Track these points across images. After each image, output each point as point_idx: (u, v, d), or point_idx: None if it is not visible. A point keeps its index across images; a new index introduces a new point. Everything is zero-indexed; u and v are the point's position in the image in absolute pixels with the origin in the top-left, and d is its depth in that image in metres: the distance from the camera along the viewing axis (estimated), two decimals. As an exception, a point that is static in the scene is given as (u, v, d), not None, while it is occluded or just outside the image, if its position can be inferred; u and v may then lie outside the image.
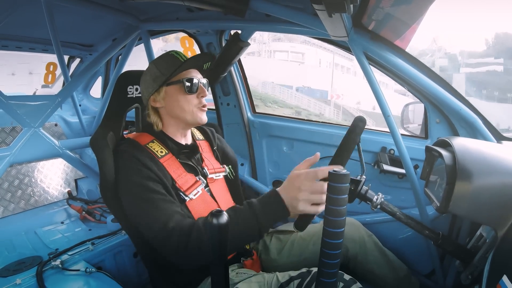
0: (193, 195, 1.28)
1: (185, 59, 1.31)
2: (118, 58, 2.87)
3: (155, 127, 1.35)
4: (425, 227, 1.32)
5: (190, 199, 1.27)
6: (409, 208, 1.77)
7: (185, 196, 1.26)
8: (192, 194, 1.28)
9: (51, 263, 1.58)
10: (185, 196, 1.26)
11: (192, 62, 1.34)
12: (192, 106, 1.32)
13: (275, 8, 1.47)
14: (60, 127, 2.76)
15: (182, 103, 1.31)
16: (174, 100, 1.31)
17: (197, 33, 2.08)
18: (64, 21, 2.09)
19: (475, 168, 1.07)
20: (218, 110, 2.29)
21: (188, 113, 1.32)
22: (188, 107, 1.32)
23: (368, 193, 1.29)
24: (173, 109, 1.33)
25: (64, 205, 2.46)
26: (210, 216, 0.69)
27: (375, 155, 1.87)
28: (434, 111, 1.65)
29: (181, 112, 1.32)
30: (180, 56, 1.32)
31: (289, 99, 30.23)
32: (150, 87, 1.32)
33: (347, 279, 1.17)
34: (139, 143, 1.29)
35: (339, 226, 0.73)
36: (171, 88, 1.31)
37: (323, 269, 0.76)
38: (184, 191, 1.27)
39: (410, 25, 1.49)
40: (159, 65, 1.32)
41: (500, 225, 1.01)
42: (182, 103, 1.31)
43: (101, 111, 2.65)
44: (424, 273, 1.78)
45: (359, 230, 1.53)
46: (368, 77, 1.44)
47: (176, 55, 1.32)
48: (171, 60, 1.31)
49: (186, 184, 1.29)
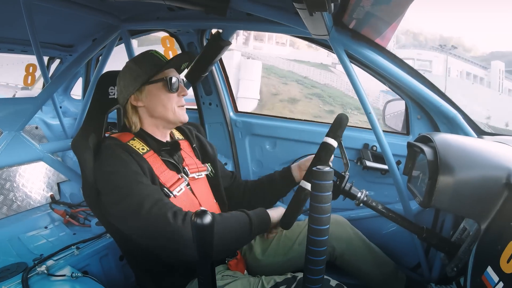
0: (176, 192, 1.28)
1: (165, 59, 1.31)
2: (98, 58, 2.82)
3: (133, 127, 1.33)
4: (409, 222, 1.35)
5: (174, 196, 1.27)
6: (393, 203, 1.80)
7: (169, 192, 1.26)
8: (175, 190, 1.28)
9: (36, 269, 1.55)
10: (170, 193, 1.26)
11: (175, 61, 1.34)
12: (174, 104, 1.32)
13: (256, 7, 1.47)
14: (41, 130, 2.70)
15: (164, 101, 1.31)
16: (156, 99, 1.30)
17: (178, 32, 2.06)
18: (44, 21, 2.04)
19: (457, 162, 1.09)
20: (200, 109, 2.28)
21: (170, 111, 1.32)
22: (170, 105, 1.31)
23: (352, 190, 1.31)
24: (155, 108, 1.32)
25: (47, 209, 2.41)
26: (195, 216, 0.69)
27: (357, 151, 1.89)
28: (415, 108, 1.67)
29: (163, 111, 1.32)
30: (160, 55, 1.32)
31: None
32: (131, 86, 1.29)
33: (333, 285, 1.17)
34: (121, 141, 1.28)
35: (324, 223, 0.73)
36: (153, 86, 1.30)
37: (310, 266, 0.76)
38: (168, 187, 1.26)
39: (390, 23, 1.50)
40: (141, 63, 1.30)
41: (482, 218, 1.04)
42: (165, 102, 1.31)
43: (82, 112, 2.59)
44: (410, 266, 1.82)
45: (345, 228, 1.54)
46: (349, 75, 1.45)
47: (156, 54, 1.32)
48: (153, 59, 1.30)
49: (170, 181, 1.28)
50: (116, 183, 1.17)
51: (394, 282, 1.53)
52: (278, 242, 1.54)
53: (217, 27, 1.88)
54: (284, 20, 1.46)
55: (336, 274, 1.32)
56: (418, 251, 1.68)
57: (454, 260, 1.21)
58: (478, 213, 1.05)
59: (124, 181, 1.16)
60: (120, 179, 1.16)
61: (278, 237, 1.55)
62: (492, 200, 1.02)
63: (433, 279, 1.67)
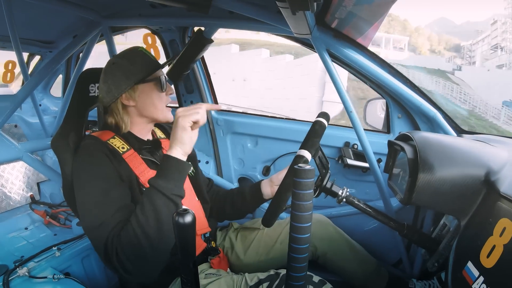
0: None
1: (155, 58, 1.31)
2: (79, 55, 2.77)
3: (123, 127, 1.29)
4: (390, 219, 1.37)
5: None
6: (374, 201, 1.82)
7: None
8: None
9: (17, 272, 1.53)
10: None
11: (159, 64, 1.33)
12: (163, 103, 1.31)
13: (239, 5, 1.47)
14: (20, 128, 2.65)
15: (155, 101, 1.29)
16: (148, 98, 1.28)
17: (160, 29, 2.04)
18: (23, 16, 2.00)
19: (436, 160, 1.11)
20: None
21: (160, 111, 1.31)
22: (160, 105, 1.30)
23: (333, 187, 1.32)
24: (146, 107, 1.29)
25: (27, 210, 2.38)
26: (176, 215, 0.69)
27: (338, 150, 1.90)
28: (395, 107, 1.70)
29: (153, 110, 1.30)
30: (149, 54, 1.30)
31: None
32: (123, 84, 1.23)
33: (316, 281, 1.18)
34: (101, 139, 1.25)
35: (306, 221, 0.74)
36: (147, 86, 1.28)
37: (292, 264, 0.77)
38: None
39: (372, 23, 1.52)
40: (133, 61, 1.26)
41: (462, 214, 1.06)
42: (156, 101, 1.29)
43: (62, 110, 2.54)
44: (391, 262, 1.85)
45: (327, 227, 1.56)
46: (331, 74, 1.46)
47: (146, 52, 1.30)
48: (145, 59, 1.27)
49: None
50: (81, 199, 1.14)
51: (377, 279, 1.56)
52: (260, 241, 1.55)
53: (200, 24, 1.86)
54: (267, 18, 1.46)
55: (319, 272, 1.33)
56: (399, 247, 1.71)
57: (434, 255, 1.24)
58: (458, 210, 1.07)
59: (88, 197, 1.12)
60: (85, 195, 1.13)
61: (259, 236, 1.56)
62: (472, 197, 1.04)
63: (415, 275, 1.70)
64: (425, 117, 1.59)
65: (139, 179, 1.23)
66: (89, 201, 1.11)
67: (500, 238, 0.82)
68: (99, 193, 1.11)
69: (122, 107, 1.29)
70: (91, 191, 1.12)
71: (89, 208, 1.11)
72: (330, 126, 1.84)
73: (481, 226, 0.94)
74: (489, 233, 0.86)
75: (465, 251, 0.96)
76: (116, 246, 1.03)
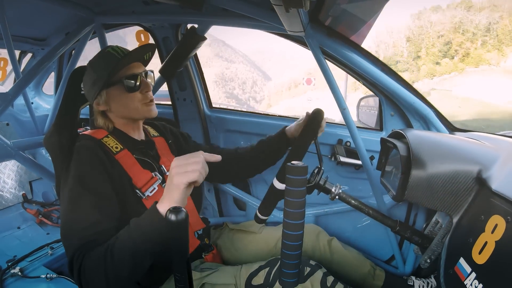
0: (149, 192, 1.24)
1: (122, 54, 1.22)
2: (71, 53, 2.74)
3: (105, 128, 1.29)
4: (382, 215, 1.37)
5: (146, 197, 1.23)
6: (367, 198, 1.82)
7: (141, 194, 1.22)
8: (148, 191, 1.24)
9: (11, 271, 1.52)
10: (141, 194, 1.22)
11: (131, 57, 1.25)
12: (136, 102, 1.26)
13: (232, 2, 1.46)
14: (12, 126, 2.61)
15: (125, 102, 1.25)
16: (117, 102, 1.25)
17: (153, 27, 2.02)
18: (15, 14, 1.98)
19: (429, 157, 1.12)
20: (175, 105, 2.24)
21: (132, 110, 1.27)
22: (132, 104, 1.26)
23: (326, 184, 1.33)
24: (118, 110, 1.28)
25: (20, 209, 2.35)
26: (169, 213, 0.68)
27: (331, 147, 1.90)
28: (388, 104, 1.70)
29: (126, 111, 1.28)
30: (116, 52, 1.23)
31: None
32: (92, 91, 1.23)
33: (313, 264, 1.21)
34: (96, 138, 1.24)
35: (298, 218, 0.74)
36: (112, 89, 1.24)
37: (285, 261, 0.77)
38: (140, 188, 1.23)
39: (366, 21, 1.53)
40: (96, 66, 1.23)
41: (454, 211, 1.07)
42: (126, 103, 1.25)
43: (54, 108, 2.53)
44: (384, 259, 1.86)
45: (319, 237, 1.58)
46: (324, 71, 1.46)
47: (112, 52, 1.22)
48: (108, 59, 1.22)
49: (142, 181, 1.24)
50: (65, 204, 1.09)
51: (373, 280, 1.57)
52: (256, 246, 1.57)
53: (193, 22, 1.85)
54: (260, 16, 1.46)
55: None
56: (392, 244, 1.73)
57: (427, 252, 1.25)
58: (450, 206, 1.08)
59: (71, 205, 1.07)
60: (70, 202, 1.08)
61: (256, 240, 1.58)
62: (464, 193, 1.05)
63: (407, 271, 1.72)
64: (418, 115, 1.60)
65: (132, 180, 1.22)
66: (72, 209, 1.06)
67: (492, 235, 0.82)
68: (85, 205, 1.06)
69: (98, 112, 1.29)
70: (77, 200, 1.07)
71: (70, 216, 1.05)
72: None
73: (473, 223, 0.95)
74: (481, 230, 0.87)
75: (457, 248, 0.97)
76: (81, 263, 0.96)
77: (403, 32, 39.84)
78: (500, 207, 0.86)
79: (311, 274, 1.22)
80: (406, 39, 39.52)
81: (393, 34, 40.29)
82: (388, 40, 40.54)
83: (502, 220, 0.81)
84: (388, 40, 40.08)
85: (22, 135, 2.63)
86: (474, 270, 0.84)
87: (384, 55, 39.69)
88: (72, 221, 1.04)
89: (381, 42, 41.61)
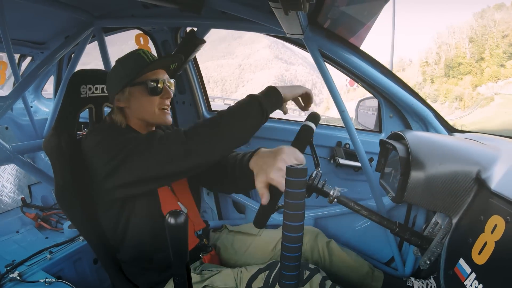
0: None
1: (151, 59, 1.29)
2: (71, 56, 2.75)
3: (119, 125, 1.33)
4: (382, 217, 1.37)
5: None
6: (366, 200, 1.82)
7: None
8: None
9: (9, 276, 1.52)
10: None
11: (158, 63, 1.32)
12: (154, 107, 1.31)
13: (231, 6, 1.47)
14: (11, 130, 2.61)
15: (144, 104, 1.30)
16: (137, 101, 1.30)
17: (152, 30, 2.03)
18: (15, 17, 1.98)
19: (428, 158, 1.11)
20: (174, 109, 2.25)
21: (149, 114, 1.31)
22: (150, 108, 1.30)
23: (325, 187, 1.32)
24: (136, 109, 1.31)
25: (18, 213, 2.34)
26: (168, 216, 0.68)
27: (330, 149, 1.90)
28: (387, 106, 1.71)
29: (143, 113, 1.31)
30: (146, 56, 1.29)
31: None
32: (115, 87, 1.29)
33: (312, 267, 1.22)
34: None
35: (298, 220, 0.74)
36: (135, 89, 1.29)
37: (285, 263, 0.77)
38: None
39: (364, 23, 1.53)
40: (125, 64, 1.29)
41: (454, 212, 1.07)
42: (145, 104, 1.30)
43: (54, 112, 2.53)
44: (383, 261, 1.86)
45: (317, 239, 1.58)
46: (323, 73, 1.46)
47: (143, 55, 1.29)
48: (137, 60, 1.28)
49: None
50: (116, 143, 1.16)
51: (371, 282, 1.57)
52: (256, 248, 1.57)
53: (192, 25, 1.86)
54: (259, 19, 1.47)
55: None
56: (391, 245, 1.73)
57: (426, 253, 1.24)
58: (449, 207, 1.08)
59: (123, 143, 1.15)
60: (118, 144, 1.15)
61: (256, 242, 1.57)
62: (463, 194, 1.05)
63: (407, 272, 1.72)
64: (417, 116, 1.60)
65: None
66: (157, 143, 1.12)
67: (492, 235, 0.82)
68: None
69: (117, 108, 1.33)
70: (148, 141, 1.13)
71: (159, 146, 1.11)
72: (322, 126, 1.86)
73: (473, 223, 0.95)
74: (480, 230, 0.87)
75: (457, 248, 0.97)
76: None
77: (465, 32, 38.07)
78: (499, 207, 0.86)
79: (310, 277, 1.22)
80: (469, 39, 37.49)
81: (455, 35, 38.74)
82: (450, 41, 39.08)
83: (502, 220, 0.81)
84: (450, 41, 38.67)
85: (21, 139, 2.62)
86: (474, 270, 0.84)
87: (446, 56, 37.92)
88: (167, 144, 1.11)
89: (442, 43, 39.93)
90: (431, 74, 39.12)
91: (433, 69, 39.06)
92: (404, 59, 55.80)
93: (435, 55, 39.15)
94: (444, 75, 37.54)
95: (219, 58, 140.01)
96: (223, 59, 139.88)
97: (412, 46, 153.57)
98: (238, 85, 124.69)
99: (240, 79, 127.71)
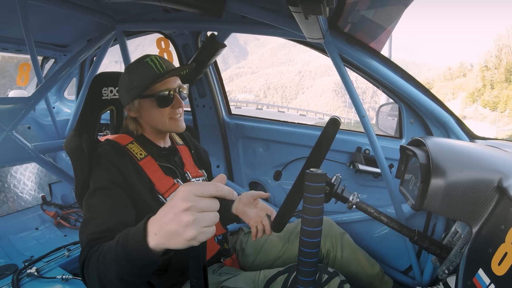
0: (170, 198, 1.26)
1: (159, 68, 1.26)
2: (93, 59, 2.81)
3: (134, 132, 1.34)
4: (401, 225, 1.35)
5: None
6: (385, 207, 1.80)
7: (164, 199, 1.25)
8: (170, 196, 1.25)
9: (27, 271, 1.55)
10: (164, 199, 1.25)
11: (168, 75, 1.28)
12: (165, 117, 1.30)
13: (251, 10, 1.48)
14: (33, 130, 2.68)
15: (154, 115, 1.30)
16: (147, 112, 1.30)
17: (173, 34, 2.06)
18: (38, 20, 2.04)
19: (449, 166, 1.09)
20: (194, 112, 2.27)
21: (160, 123, 1.31)
22: (161, 119, 1.30)
23: (344, 193, 1.31)
24: (147, 119, 1.32)
25: (38, 210, 2.41)
26: None
27: (350, 155, 1.89)
28: (408, 112, 1.68)
29: (154, 123, 1.32)
30: (154, 65, 1.26)
31: None
32: (125, 97, 1.30)
33: (331, 271, 1.21)
34: (119, 144, 1.27)
35: (316, 225, 0.73)
36: (144, 101, 1.28)
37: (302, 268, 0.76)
38: (163, 193, 1.25)
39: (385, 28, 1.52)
40: (132, 76, 1.27)
41: (474, 221, 1.03)
42: (155, 116, 1.30)
43: (76, 113, 2.59)
44: (401, 269, 1.82)
45: (332, 228, 1.56)
46: (343, 78, 1.46)
47: (150, 63, 1.26)
48: (145, 71, 1.25)
49: (165, 187, 1.27)
50: (86, 195, 1.14)
51: (380, 285, 1.55)
52: (270, 244, 1.56)
53: (212, 29, 1.88)
54: (279, 23, 1.47)
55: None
56: (409, 254, 1.70)
57: (445, 262, 1.21)
58: (469, 216, 1.05)
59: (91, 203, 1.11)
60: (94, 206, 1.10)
61: (270, 239, 1.56)
62: (484, 203, 1.02)
63: (425, 282, 1.68)
64: (438, 122, 1.57)
65: (155, 185, 1.25)
66: (87, 209, 1.10)
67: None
68: (99, 207, 1.08)
69: (129, 116, 1.34)
70: (93, 202, 1.10)
71: (86, 214, 1.09)
72: (342, 131, 1.84)
73: (493, 233, 0.92)
74: (501, 240, 0.84)
75: (476, 258, 0.94)
76: (84, 258, 0.92)
77: (527, 33, 36.55)
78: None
79: (328, 281, 1.21)
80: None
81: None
82: (511, 43, 37.93)
83: None
84: (511, 43, 37.68)
85: (43, 139, 2.69)
86: (493, 281, 0.81)
87: (507, 60, 36.77)
88: (86, 219, 1.06)
89: (503, 45, 38.42)
90: (490, 79, 37.66)
91: (493, 73, 37.57)
92: (465, 64, 54.13)
93: (494, 59, 37.99)
94: (504, 80, 36.19)
95: (279, 64, 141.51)
96: (283, 65, 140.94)
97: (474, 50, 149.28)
98: (298, 91, 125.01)
99: (300, 85, 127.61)
